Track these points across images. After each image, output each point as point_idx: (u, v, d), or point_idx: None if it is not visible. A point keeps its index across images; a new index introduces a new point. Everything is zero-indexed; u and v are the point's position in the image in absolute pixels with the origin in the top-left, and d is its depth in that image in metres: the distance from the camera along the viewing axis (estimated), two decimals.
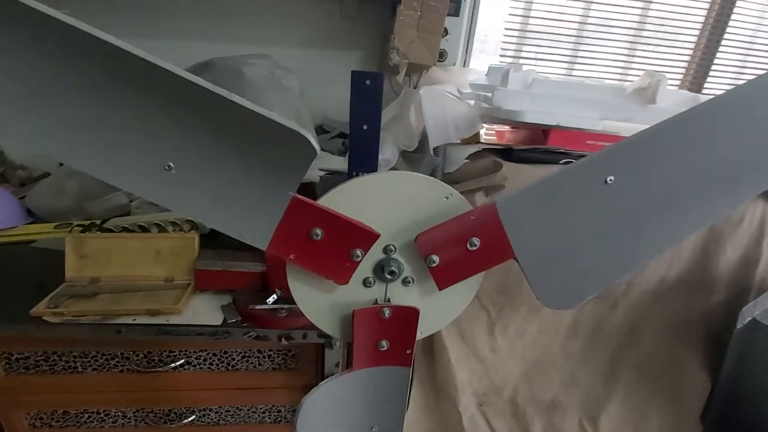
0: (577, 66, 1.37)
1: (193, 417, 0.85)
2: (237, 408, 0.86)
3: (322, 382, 0.38)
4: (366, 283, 0.37)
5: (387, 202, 0.34)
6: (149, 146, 0.27)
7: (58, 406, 0.83)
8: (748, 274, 1.00)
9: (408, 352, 0.38)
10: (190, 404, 0.85)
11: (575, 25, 1.32)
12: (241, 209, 0.30)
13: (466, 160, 0.94)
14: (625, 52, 1.38)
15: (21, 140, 0.25)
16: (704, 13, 1.37)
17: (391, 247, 0.36)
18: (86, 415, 0.85)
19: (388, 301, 0.37)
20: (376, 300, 0.37)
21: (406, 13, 0.97)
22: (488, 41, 1.28)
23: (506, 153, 0.93)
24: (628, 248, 0.34)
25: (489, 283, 0.99)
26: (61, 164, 1.16)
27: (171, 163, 0.27)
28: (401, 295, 0.38)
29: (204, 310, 0.74)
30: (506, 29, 1.28)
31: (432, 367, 1.08)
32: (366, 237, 0.33)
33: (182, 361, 0.79)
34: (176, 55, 1.15)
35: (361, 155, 0.65)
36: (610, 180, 0.32)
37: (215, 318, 0.72)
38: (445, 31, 1.09)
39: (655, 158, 0.31)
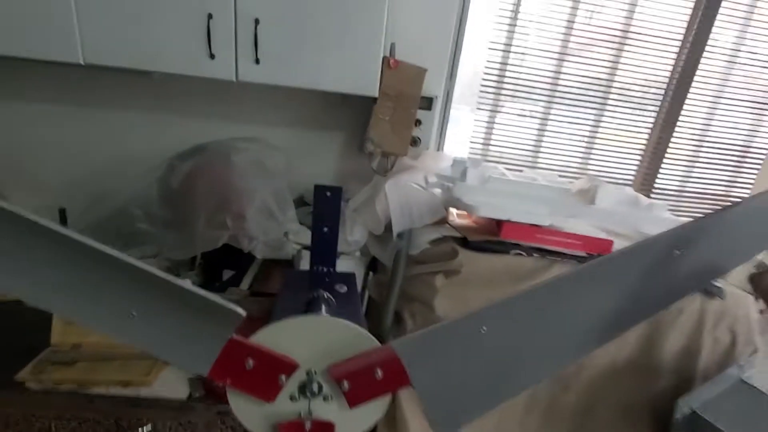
0: (541, 152, 1.50)
1: None
2: None
3: None
4: (292, 398, 0.44)
5: (309, 338, 0.43)
6: (118, 301, 0.36)
7: None
8: (691, 364, 1.06)
9: None
10: None
11: (541, 114, 1.46)
12: (187, 347, 0.38)
13: (429, 245, 1.03)
14: (587, 136, 1.52)
15: (26, 299, 0.34)
16: (655, 110, 1.52)
17: (313, 371, 0.44)
18: None
19: (311, 414, 0.45)
20: (300, 413, 0.45)
21: (381, 110, 1.10)
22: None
23: (464, 240, 1.02)
24: (504, 383, 0.43)
25: None
26: (65, 225, 1.26)
27: (134, 312, 0.36)
28: (322, 409, 0.45)
29: (172, 382, 0.80)
30: (476, 120, 1.42)
31: None
32: (288, 366, 0.42)
33: (149, 428, 0.84)
34: (177, 129, 1.29)
35: (322, 252, 0.74)
36: (484, 330, 0.40)
37: (182, 391, 0.79)
38: (418, 122, 1.23)
39: (518, 316, 0.40)
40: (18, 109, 1.25)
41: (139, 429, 0.80)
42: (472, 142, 1.42)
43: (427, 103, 1.23)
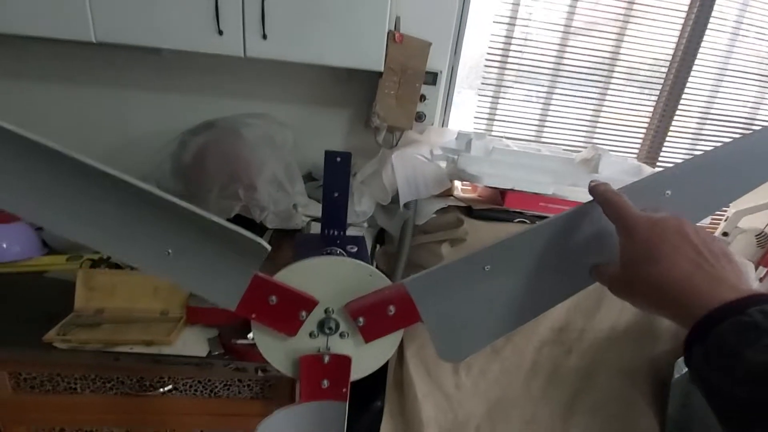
0: (546, 127, 1.52)
1: None
2: None
3: (275, 411, 0.48)
4: (311, 335, 0.48)
5: (327, 277, 0.46)
6: (156, 239, 0.39)
7: (56, 424, 0.92)
8: None
9: (344, 390, 0.48)
10: (175, 427, 0.94)
11: (547, 82, 1.47)
12: (217, 282, 0.42)
13: (434, 215, 1.06)
14: (592, 111, 1.53)
15: (62, 233, 0.38)
16: (660, 81, 1.52)
17: (331, 309, 0.47)
18: None
19: (329, 349, 0.48)
20: (319, 348, 0.48)
21: (386, 85, 1.12)
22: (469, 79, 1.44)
23: (468, 210, 1.05)
24: (506, 317, 0.46)
25: None
26: None
27: (170, 250, 0.39)
28: (339, 345, 0.49)
29: (192, 342, 0.85)
30: (480, 95, 1.44)
31: (401, 402, 1.16)
32: (309, 302, 0.45)
33: (170, 386, 0.88)
34: (186, 107, 1.32)
35: (333, 217, 0.77)
36: (487, 268, 0.43)
37: (202, 350, 0.83)
38: (423, 97, 1.25)
39: (516, 254, 0.43)
40: (30, 88, 1.28)
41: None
42: (476, 118, 1.44)
43: (432, 78, 1.24)
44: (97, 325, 0.85)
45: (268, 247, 0.39)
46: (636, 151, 1.58)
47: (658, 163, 1.58)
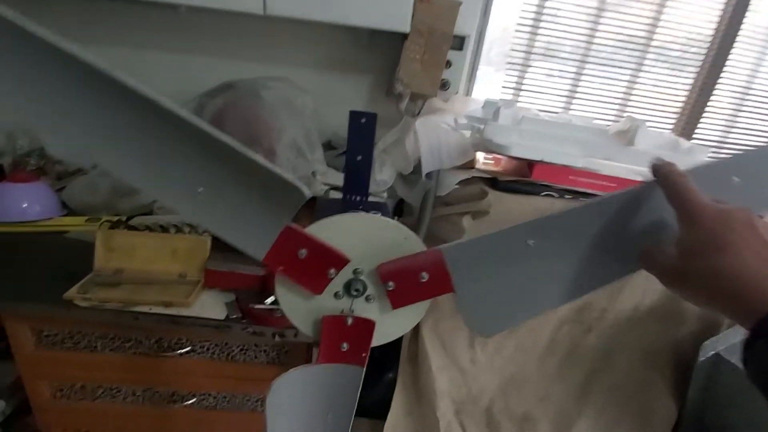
0: (575, 100, 1.44)
1: (194, 400, 0.95)
2: (233, 395, 0.96)
3: (291, 369, 0.46)
4: (336, 295, 0.46)
5: (360, 236, 0.43)
6: (188, 176, 0.36)
7: (77, 381, 0.94)
8: None
9: (363, 355, 0.46)
10: (191, 388, 0.95)
11: (578, 58, 1.39)
12: (247, 228, 0.39)
13: (457, 186, 1.02)
14: (625, 86, 1.45)
15: (93, 161, 0.35)
16: (701, 58, 1.43)
17: (360, 270, 0.45)
18: (100, 391, 0.95)
19: (353, 312, 0.46)
20: (343, 310, 0.46)
21: (411, 48, 1.07)
22: (494, 55, 1.37)
23: (493, 181, 1.01)
24: (544, 295, 0.43)
25: None
26: (95, 165, 1.29)
27: (201, 189, 0.36)
28: (364, 309, 0.46)
29: (210, 305, 0.84)
30: (508, 63, 1.37)
31: (415, 373, 1.16)
32: (339, 260, 0.42)
33: (188, 348, 0.89)
34: (204, 69, 1.28)
35: (355, 181, 0.73)
36: (531, 243, 0.40)
37: (219, 313, 0.82)
38: (449, 63, 1.19)
39: (565, 231, 0.40)
40: None
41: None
42: (503, 88, 1.38)
43: (459, 42, 1.18)
44: (116, 285, 0.85)
45: (309, 193, 0.36)
46: (670, 128, 1.50)
47: (693, 140, 1.51)
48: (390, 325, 0.47)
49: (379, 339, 0.46)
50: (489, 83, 1.37)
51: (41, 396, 0.95)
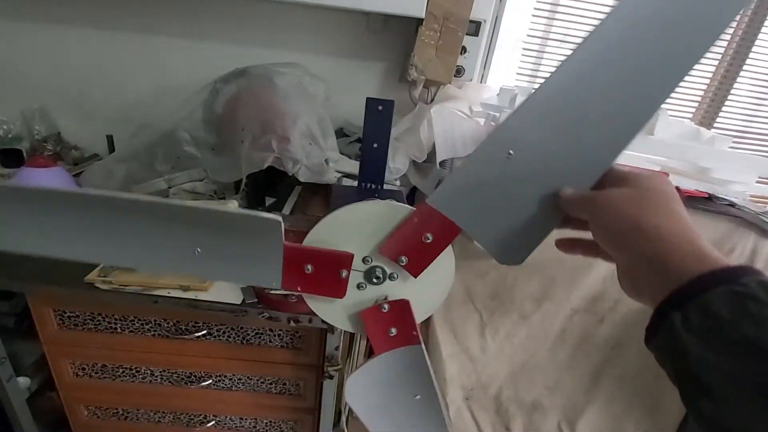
0: None
1: (210, 381, 0.98)
2: (248, 377, 0.98)
3: (357, 370, 0.47)
4: (360, 287, 0.46)
5: (355, 226, 0.43)
6: (183, 244, 0.39)
7: (98, 360, 0.97)
8: None
9: (414, 333, 0.45)
10: (208, 369, 0.97)
11: None
12: (252, 267, 0.40)
13: None
14: None
15: (94, 259, 0.40)
16: (724, 44, 1.38)
17: (368, 258, 0.44)
18: (121, 370, 0.98)
19: (385, 297, 0.46)
20: (376, 299, 0.46)
21: (426, 33, 1.05)
22: (507, 46, 1.34)
23: None
24: (550, 202, 0.38)
25: (483, 289, 1.08)
26: (112, 151, 1.31)
27: (198, 249, 0.38)
28: (393, 289, 0.46)
29: (227, 290, 0.85)
30: (524, 49, 1.34)
31: None
32: (344, 259, 0.42)
33: (205, 331, 0.91)
34: (217, 54, 1.28)
35: (371, 169, 0.74)
36: (511, 154, 0.36)
37: (236, 297, 0.84)
38: (464, 49, 1.17)
39: (542, 126, 0.34)
40: (63, 34, 1.26)
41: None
42: (518, 74, 1.35)
43: (475, 28, 1.16)
44: (134, 270, 0.87)
45: (280, 219, 0.37)
46: (690, 116, 1.47)
47: (713, 130, 1.47)
48: (424, 294, 0.46)
49: (427, 310, 0.46)
50: (504, 70, 1.35)
51: (64, 374, 0.98)
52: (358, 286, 0.46)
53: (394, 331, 0.46)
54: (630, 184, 0.33)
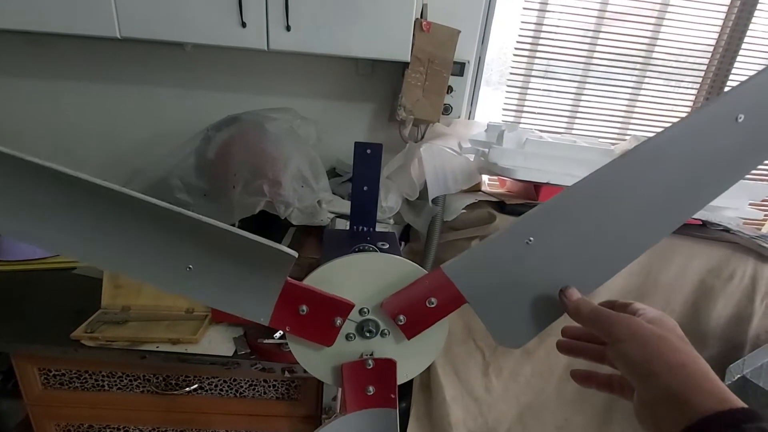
0: (577, 119, 1.45)
1: None
2: None
3: (322, 426, 0.44)
4: (348, 337, 0.44)
5: (359, 276, 0.42)
6: (175, 256, 0.36)
7: (84, 421, 0.93)
8: (741, 331, 1.02)
9: (392, 396, 0.44)
10: (200, 426, 0.93)
11: (578, 77, 1.40)
12: (244, 297, 0.38)
13: (464, 210, 1.01)
14: (626, 103, 1.45)
15: (84, 259, 0.36)
16: (702, 71, 1.44)
17: (365, 309, 0.43)
18: (108, 431, 0.94)
19: (371, 354, 0.45)
20: (362, 354, 0.44)
21: (412, 76, 1.08)
22: (494, 73, 1.38)
23: (500, 205, 1.00)
24: (552, 298, 0.39)
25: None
26: None
27: (191, 266, 0.36)
28: (381, 346, 0.45)
29: (218, 341, 0.83)
30: (508, 85, 1.38)
31: (428, 404, 1.12)
32: (342, 307, 0.41)
33: (196, 386, 0.87)
34: (210, 102, 1.31)
35: (362, 212, 0.73)
36: (531, 240, 0.37)
37: (227, 349, 0.81)
38: (450, 89, 1.20)
39: (566, 219, 0.36)
40: (56, 85, 1.29)
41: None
42: (504, 110, 1.38)
43: (459, 68, 1.19)
44: (123, 323, 0.84)
45: (295, 255, 0.35)
46: None
47: None
48: (411, 356, 0.45)
49: (409, 373, 0.44)
50: (490, 105, 1.38)
51: None
52: (347, 337, 0.44)
53: (372, 389, 0.44)
54: (654, 321, 0.34)
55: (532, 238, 0.37)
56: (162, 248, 0.35)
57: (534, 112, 1.41)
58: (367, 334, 0.43)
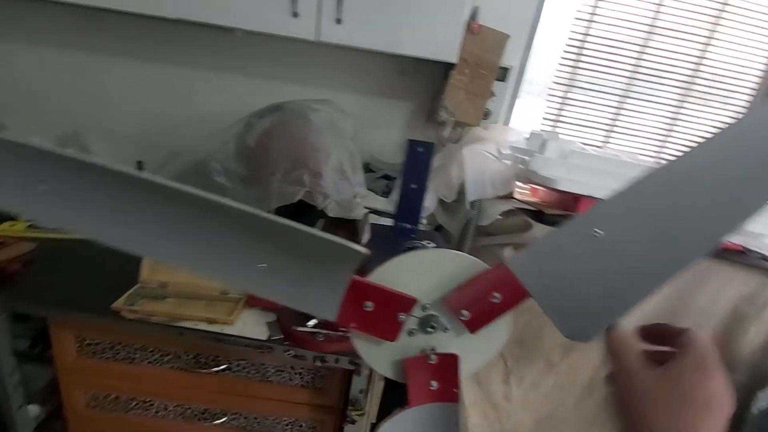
0: (614, 133, 1.43)
1: (225, 419, 0.94)
2: (264, 417, 0.95)
3: (389, 417, 0.45)
4: (410, 333, 0.45)
5: (422, 272, 0.42)
6: (247, 256, 0.37)
7: (112, 391, 0.94)
8: None
9: (455, 390, 0.44)
10: (223, 407, 0.94)
11: (620, 92, 1.39)
12: (312, 294, 0.39)
13: (500, 216, 1.01)
14: (666, 122, 1.43)
15: (159, 259, 0.36)
16: (748, 95, 1.41)
17: (427, 305, 0.44)
18: (133, 403, 0.95)
19: (433, 348, 0.45)
20: (423, 349, 0.45)
21: (457, 77, 1.08)
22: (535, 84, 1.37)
23: (537, 214, 1.00)
24: (631, 287, 0.38)
25: None
26: None
27: (261, 264, 0.37)
28: (443, 341, 0.45)
29: (251, 324, 0.84)
30: (549, 95, 1.37)
31: None
32: (406, 302, 0.42)
33: (224, 366, 0.88)
34: (253, 89, 1.32)
35: (408, 209, 0.74)
36: (599, 233, 0.36)
37: (260, 333, 0.82)
38: (492, 93, 1.20)
39: (634, 210, 0.36)
40: (103, 61, 1.32)
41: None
42: (544, 119, 1.38)
43: (503, 73, 1.19)
44: (161, 298, 0.86)
45: (365, 251, 0.36)
46: None
47: None
48: (474, 351, 0.45)
49: (471, 367, 0.44)
50: (527, 114, 1.37)
51: (76, 404, 0.95)
52: (409, 333, 0.45)
53: (435, 384, 0.44)
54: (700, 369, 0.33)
55: (600, 231, 0.36)
56: (234, 248, 0.36)
57: (571, 123, 1.40)
58: (429, 330, 0.43)
